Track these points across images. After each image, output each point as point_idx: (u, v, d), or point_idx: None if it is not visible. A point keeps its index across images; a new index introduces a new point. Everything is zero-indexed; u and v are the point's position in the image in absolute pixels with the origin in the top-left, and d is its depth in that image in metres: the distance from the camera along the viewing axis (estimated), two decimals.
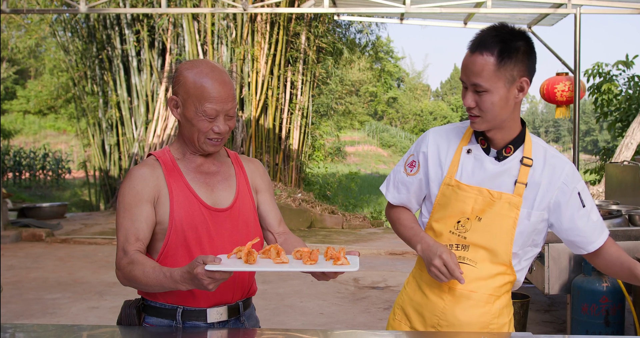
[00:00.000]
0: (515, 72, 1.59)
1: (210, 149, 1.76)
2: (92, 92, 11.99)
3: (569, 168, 1.70)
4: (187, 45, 10.68)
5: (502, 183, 1.69)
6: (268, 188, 1.94)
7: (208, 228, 1.74)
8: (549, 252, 3.66)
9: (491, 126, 1.66)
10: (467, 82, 1.62)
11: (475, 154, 1.73)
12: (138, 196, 1.70)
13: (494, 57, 1.57)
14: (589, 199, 1.71)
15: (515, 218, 1.67)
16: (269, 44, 10.74)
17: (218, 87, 1.69)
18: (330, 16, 10.82)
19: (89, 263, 6.97)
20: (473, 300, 1.72)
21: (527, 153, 1.69)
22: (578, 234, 1.70)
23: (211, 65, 1.73)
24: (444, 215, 1.76)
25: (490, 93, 1.59)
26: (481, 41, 1.59)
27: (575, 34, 7.02)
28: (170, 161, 1.78)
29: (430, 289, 1.80)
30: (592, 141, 54.34)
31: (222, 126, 1.71)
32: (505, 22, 1.64)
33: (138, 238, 1.67)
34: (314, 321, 4.83)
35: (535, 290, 5.42)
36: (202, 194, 1.76)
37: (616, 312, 3.41)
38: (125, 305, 1.82)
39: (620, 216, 3.91)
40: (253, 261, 1.50)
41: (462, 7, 7.47)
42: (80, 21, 11.81)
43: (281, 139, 11.21)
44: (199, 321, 1.75)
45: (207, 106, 1.67)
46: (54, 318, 4.87)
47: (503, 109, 1.62)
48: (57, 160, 18.75)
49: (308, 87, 11.43)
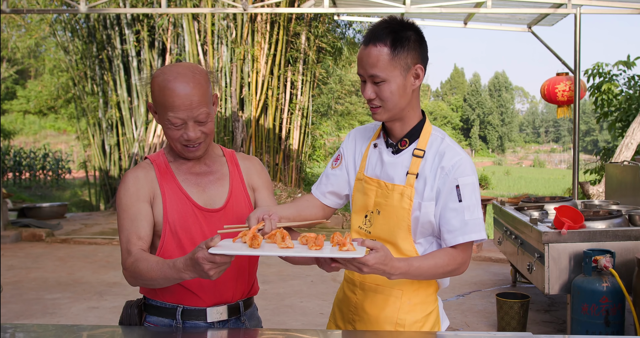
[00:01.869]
0: (409, 60, 1.64)
1: (189, 156, 1.73)
2: (92, 92, 11.99)
3: (457, 160, 1.67)
4: (187, 45, 10.68)
5: (395, 175, 1.72)
6: (265, 185, 1.91)
7: (202, 229, 1.74)
8: (549, 252, 3.66)
9: (392, 116, 1.69)
10: (365, 74, 1.66)
11: (380, 148, 1.78)
12: (134, 196, 1.71)
13: (387, 47, 1.62)
14: (468, 197, 1.66)
15: (408, 209, 1.68)
16: (269, 44, 10.74)
17: (180, 95, 1.61)
18: (330, 16, 10.82)
19: (89, 263, 6.97)
20: (381, 294, 1.74)
21: (420, 145, 1.71)
22: (444, 225, 1.67)
23: (178, 70, 1.65)
24: (355, 210, 1.81)
25: (388, 82, 1.63)
26: (373, 34, 1.64)
27: (575, 34, 7.02)
28: (163, 163, 1.79)
29: (347, 285, 1.84)
30: (592, 141, 54.35)
31: (192, 133, 1.66)
32: (394, 15, 1.69)
33: (139, 237, 1.68)
34: (314, 321, 4.83)
35: (535, 290, 5.42)
36: (194, 195, 1.76)
37: (616, 312, 3.41)
38: (127, 305, 1.82)
39: (620, 216, 3.91)
40: (257, 246, 1.48)
41: (462, 7, 7.47)
42: (80, 21, 11.81)
43: (281, 139, 11.21)
44: (199, 320, 1.75)
45: (171, 115, 1.63)
46: (54, 318, 4.87)
47: (402, 97, 1.66)
48: (57, 160, 18.76)
49: (308, 87, 11.43)
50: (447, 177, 1.66)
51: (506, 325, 4.28)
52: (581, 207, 4.67)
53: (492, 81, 64.69)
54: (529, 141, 67.72)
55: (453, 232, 1.66)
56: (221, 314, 1.76)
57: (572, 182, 7.16)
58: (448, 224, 1.66)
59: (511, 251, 4.56)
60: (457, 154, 1.68)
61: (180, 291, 1.74)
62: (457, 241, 1.66)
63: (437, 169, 1.68)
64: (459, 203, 1.65)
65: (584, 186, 7.17)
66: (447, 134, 1.78)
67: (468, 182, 1.66)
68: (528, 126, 70.93)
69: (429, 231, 1.71)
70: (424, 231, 1.71)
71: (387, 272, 1.51)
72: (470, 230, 1.65)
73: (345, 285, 1.86)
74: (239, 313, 1.82)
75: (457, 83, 65.45)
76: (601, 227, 3.75)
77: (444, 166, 1.67)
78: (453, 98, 62.52)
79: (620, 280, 3.39)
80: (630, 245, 3.69)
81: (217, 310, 1.76)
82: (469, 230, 1.65)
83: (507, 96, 63.70)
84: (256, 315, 1.93)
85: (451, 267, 1.65)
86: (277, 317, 4.88)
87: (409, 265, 1.57)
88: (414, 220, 1.68)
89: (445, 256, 1.65)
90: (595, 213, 4.16)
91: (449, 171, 1.66)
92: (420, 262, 1.60)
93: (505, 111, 61.95)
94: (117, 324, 1.82)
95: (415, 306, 1.73)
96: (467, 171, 1.67)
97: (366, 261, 1.44)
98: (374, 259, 1.45)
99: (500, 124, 60.64)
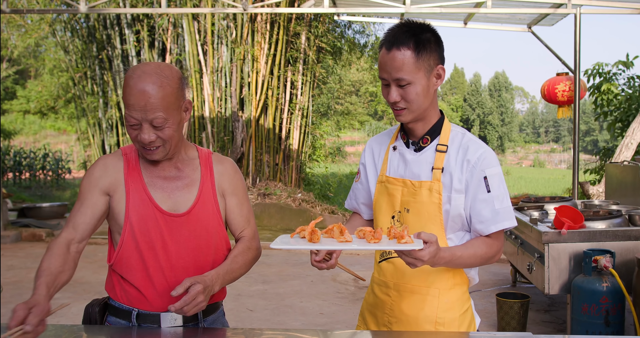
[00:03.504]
0: (431, 61, 1.68)
1: (148, 157, 1.69)
2: (92, 92, 11.99)
3: (482, 152, 1.72)
4: (187, 45, 10.68)
5: (421, 171, 1.75)
6: (235, 191, 1.83)
7: (162, 234, 1.69)
8: (549, 252, 3.66)
9: (416, 117, 1.72)
10: (389, 78, 1.67)
11: (399, 149, 1.81)
12: (93, 183, 1.71)
13: (411, 51, 1.64)
14: (497, 187, 1.71)
15: (438, 203, 1.71)
16: (269, 44, 10.74)
17: (136, 95, 1.57)
18: (330, 16, 10.82)
19: (89, 263, 6.97)
20: (418, 294, 1.76)
21: (442, 141, 1.75)
22: (475, 216, 1.72)
23: (144, 69, 1.61)
24: (380, 212, 1.82)
25: (414, 84, 1.66)
26: (395, 38, 1.66)
27: (575, 34, 7.01)
28: (134, 159, 1.75)
29: (378, 288, 1.85)
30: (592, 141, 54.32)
31: (147, 135, 1.61)
32: (410, 18, 1.74)
33: (75, 227, 1.68)
34: (314, 321, 4.82)
35: (535, 290, 5.42)
36: (158, 198, 1.71)
37: (616, 312, 3.41)
38: (90, 303, 1.81)
39: (620, 216, 3.91)
40: (317, 240, 1.51)
41: (462, 7, 7.47)
42: (80, 21, 11.81)
43: (281, 139, 11.20)
44: (154, 324, 1.71)
45: (126, 113, 1.62)
46: (54, 318, 4.87)
47: (426, 97, 1.69)
48: (57, 160, 18.73)
49: (308, 87, 11.42)
50: (474, 169, 1.70)
51: (506, 325, 4.28)
52: (581, 207, 4.67)
53: (492, 81, 64.67)
54: (529, 141, 67.69)
55: (485, 222, 1.70)
56: (175, 320, 1.71)
57: (572, 182, 7.15)
58: (479, 215, 1.70)
59: (511, 251, 4.56)
60: (481, 147, 1.73)
61: (135, 295, 1.71)
62: (490, 231, 1.70)
63: (462, 162, 1.71)
64: (488, 194, 1.70)
65: (584, 186, 7.17)
66: (466, 130, 1.82)
67: (495, 172, 1.71)
68: (528, 126, 70.89)
69: (458, 225, 1.74)
70: (454, 225, 1.74)
71: (434, 263, 1.56)
72: (502, 218, 1.70)
73: (376, 288, 1.86)
74: (197, 319, 1.75)
75: (457, 83, 65.40)
76: (601, 227, 3.75)
77: (470, 159, 1.71)
78: (453, 98, 62.48)
79: (620, 280, 3.39)
80: (630, 245, 3.69)
81: (172, 316, 1.71)
82: (500, 219, 1.70)
83: (507, 96, 63.66)
84: (221, 321, 1.85)
85: (489, 255, 1.71)
86: (277, 317, 4.88)
87: (452, 254, 1.62)
88: (444, 213, 1.72)
89: (483, 244, 1.70)
90: (595, 213, 4.16)
91: (475, 164, 1.70)
92: (462, 251, 1.65)
93: (505, 111, 61.92)
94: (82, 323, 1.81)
95: (452, 304, 1.76)
96: (493, 162, 1.72)
97: (421, 256, 1.48)
98: (428, 254, 1.49)
99: (500, 124, 60.61)
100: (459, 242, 1.75)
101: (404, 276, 1.77)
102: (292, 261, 7.03)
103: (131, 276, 1.71)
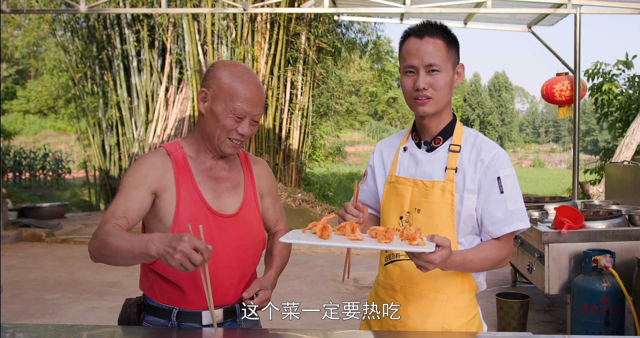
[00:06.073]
0: (456, 57, 1.72)
1: (228, 151, 1.74)
2: (92, 92, 11.99)
3: (496, 152, 1.71)
4: (187, 45, 10.68)
5: (434, 172, 1.73)
6: (271, 190, 1.94)
7: (211, 233, 1.72)
8: (549, 252, 3.66)
9: (437, 109, 1.72)
10: (419, 65, 1.67)
11: (410, 149, 1.80)
12: (141, 179, 1.68)
13: (443, 40, 1.68)
14: (510, 188, 1.69)
15: (450, 204, 1.68)
16: (269, 44, 10.74)
17: (252, 90, 1.69)
18: (330, 16, 10.82)
19: (89, 263, 6.96)
20: (426, 299, 1.72)
21: (455, 141, 1.74)
22: (487, 217, 1.69)
23: (248, 68, 1.75)
24: (388, 213, 1.80)
25: (443, 73, 1.67)
26: (426, 28, 1.69)
27: (575, 34, 7.02)
28: (181, 158, 1.75)
29: (384, 291, 1.82)
30: (592, 141, 54.31)
31: (247, 128, 1.71)
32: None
33: (125, 215, 1.63)
34: (314, 321, 4.83)
35: (535, 290, 5.42)
36: (209, 198, 1.74)
37: (616, 312, 3.41)
38: (127, 303, 1.81)
39: (620, 216, 3.91)
40: (327, 237, 1.49)
41: (462, 7, 7.47)
42: (80, 21, 11.81)
43: (281, 139, 11.20)
44: (194, 323, 1.74)
45: (238, 105, 1.67)
46: (54, 318, 4.87)
47: (449, 91, 1.71)
48: (57, 160, 18.75)
49: (308, 87, 11.42)
50: (488, 169, 1.69)
51: (506, 325, 4.28)
52: (581, 207, 4.67)
53: (492, 81, 64.66)
54: (529, 141, 67.68)
55: (498, 223, 1.68)
56: (216, 317, 1.74)
57: (572, 182, 7.16)
58: (492, 216, 1.68)
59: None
60: (494, 148, 1.72)
61: (176, 293, 1.73)
62: (502, 232, 1.67)
63: (476, 162, 1.70)
64: (501, 195, 1.68)
65: (584, 186, 7.17)
66: (478, 131, 1.81)
67: (508, 173, 1.70)
68: (528, 126, 70.88)
69: (469, 228, 1.71)
70: (465, 228, 1.71)
71: (445, 267, 1.54)
72: (515, 219, 1.68)
73: (380, 291, 1.83)
74: (235, 315, 1.80)
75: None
76: (601, 227, 3.75)
77: (484, 159, 1.69)
78: (453, 98, 62.34)
79: (620, 280, 3.39)
80: (630, 245, 3.69)
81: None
82: (514, 220, 1.67)
83: (507, 96, 63.65)
84: (255, 316, 1.91)
85: (499, 259, 1.68)
86: (277, 317, 4.88)
87: (464, 258, 1.59)
88: (456, 214, 1.69)
89: (494, 248, 1.68)
90: (595, 213, 4.16)
91: (489, 164, 1.69)
92: (473, 255, 1.63)
93: (505, 111, 61.92)
94: (117, 323, 1.81)
95: (460, 310, 1.73)
96: (506, 163, 1.71)
97: (433, 260, 1.45)
98: (440, 257, 1.46)
99: (500, 124, 60.61)
100: (468, 246, 1.72)
101: (411, 279, 1.73)
102: (292, 261, 7.02)
103: (174, 275, 1.71)
